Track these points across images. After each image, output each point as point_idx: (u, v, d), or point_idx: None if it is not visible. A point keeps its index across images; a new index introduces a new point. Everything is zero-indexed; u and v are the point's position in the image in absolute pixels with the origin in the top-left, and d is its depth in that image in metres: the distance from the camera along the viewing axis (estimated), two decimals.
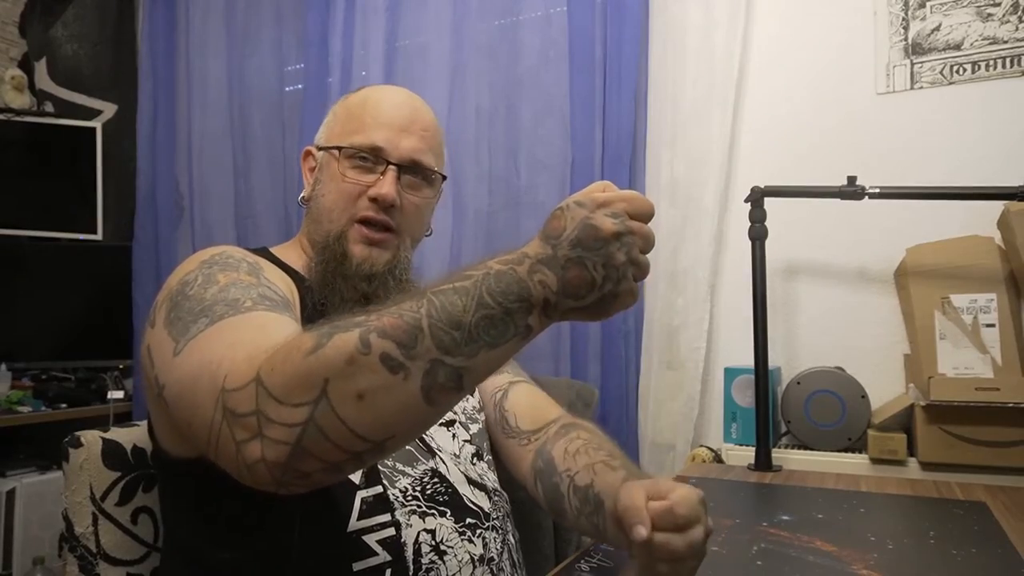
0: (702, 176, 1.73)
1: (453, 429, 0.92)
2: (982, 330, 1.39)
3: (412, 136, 0.92)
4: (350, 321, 0.56)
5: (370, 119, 0.91)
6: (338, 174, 0.90)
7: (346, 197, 0.90)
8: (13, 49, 2.74)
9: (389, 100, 0.94)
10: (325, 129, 0.98)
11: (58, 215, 2.52)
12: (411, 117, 0.93)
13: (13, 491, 2.03)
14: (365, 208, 0.89)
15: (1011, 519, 1.04)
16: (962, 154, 1.57)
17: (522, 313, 0.55)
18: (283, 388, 0.55)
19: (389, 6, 2.11)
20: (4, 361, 2.28)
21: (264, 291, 0.73)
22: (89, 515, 0.83)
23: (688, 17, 1.76)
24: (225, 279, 0.72)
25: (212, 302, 0.68)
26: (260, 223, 2.38)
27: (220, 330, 0.65)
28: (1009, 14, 1.55)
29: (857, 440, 1.50)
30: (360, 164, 0.90)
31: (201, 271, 0.74)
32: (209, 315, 0.66)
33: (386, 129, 0.90)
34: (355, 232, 0.90)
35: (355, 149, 0.90)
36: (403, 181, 0.91)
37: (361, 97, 0.96)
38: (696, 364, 1.71)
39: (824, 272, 1.68)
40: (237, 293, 0.70)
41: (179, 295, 0.71)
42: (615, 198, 0.58)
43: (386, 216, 0.90)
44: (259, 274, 0.77)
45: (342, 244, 0.89)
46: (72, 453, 0.84)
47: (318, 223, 0.92)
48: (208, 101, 2.42)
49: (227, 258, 0.78)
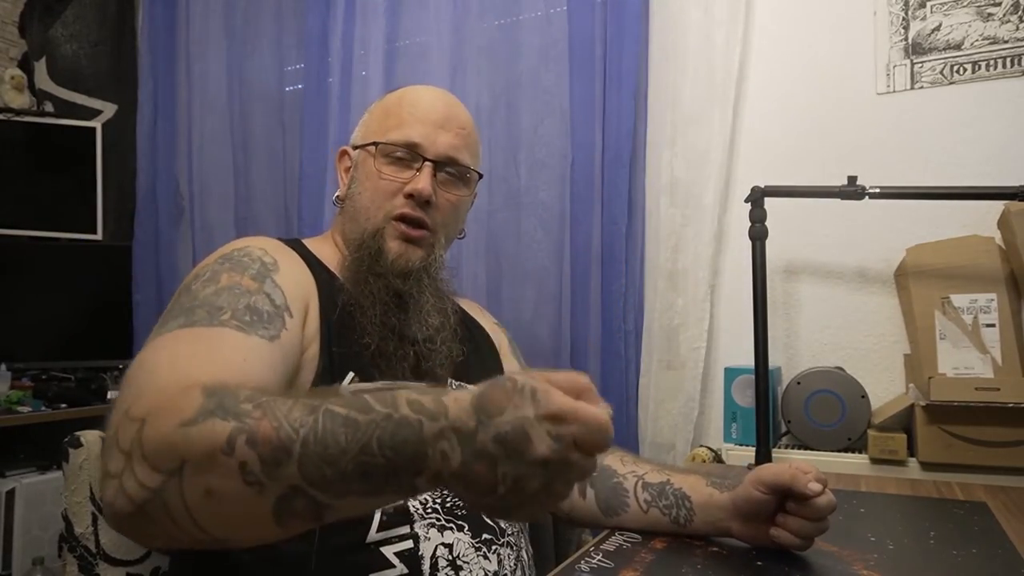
0: (702, 176, 1.73)
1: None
2: (982, 330, 1.39)
3: (448, 133, 0.91)
4: (237, 402, 0.52)
5: (407, 115, 0.91)
6: (374, 171, 0.90)
7: (382, 194, 0.90)
8: (13, 49, 2.74)
9: (426, 98, 0.94)
10: (361, 128, 0.99)
11: (58, 215, 2.51)
12: (448, 114, 0.93)
13: (13, 491, 2.03)
14: (402, 205, 0.89)
15: (1011, 519, 1.04)
16: (962, 154, 1.57)
17: (409, 474, 0.49)
18: (151, 447, 0.53)
19: (389, 6, 2.11)
20: (4, 361, 2.28)
21: (256, 301, 0.74)
22: (89, 515, 0.83)
23: (688, 17, 1.76)
24: (227, 280, 0.74)
25: (200, 303, 0.71)
26: (260, 223, 2.38)
27: (180, 338, 0.67)
28: (1009, 14, 1.55)
29: (857, 440, 1.50)
30: (397, 161, 0.90)
31: (214, 266, 0.77)
32: (188, 316, 0.69)
33: (422, 125, 0.90)
34: (392, 229, 0.90)
35: (392, 145, 0.90)
36: (439, 178, 0.91)
37: (398, 95, 0.96)
38: (696, 364, 1.71)
39: (824, 272, 1.68)
40: (225, 300, 0.71)
41: (185, 288, 0.75)
42: (572, 417, 0.47)
43: (422, 213, 0.90)
44: (266, 278, 0.77)
45: (378, 241, 0.89)
46: (72, 453, 0.84)
47: (354, 220, 0.92)
48: (208, 101, 2.42)
49: (244, 255, 0.79)
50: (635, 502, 0.91)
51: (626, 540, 0.91)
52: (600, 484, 0.95)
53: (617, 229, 1.79)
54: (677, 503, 0.89)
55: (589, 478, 0.60)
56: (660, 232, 1.77)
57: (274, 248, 0.84)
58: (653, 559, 0.85)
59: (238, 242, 0.83)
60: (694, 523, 0.89)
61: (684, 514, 0.89)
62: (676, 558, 0.86)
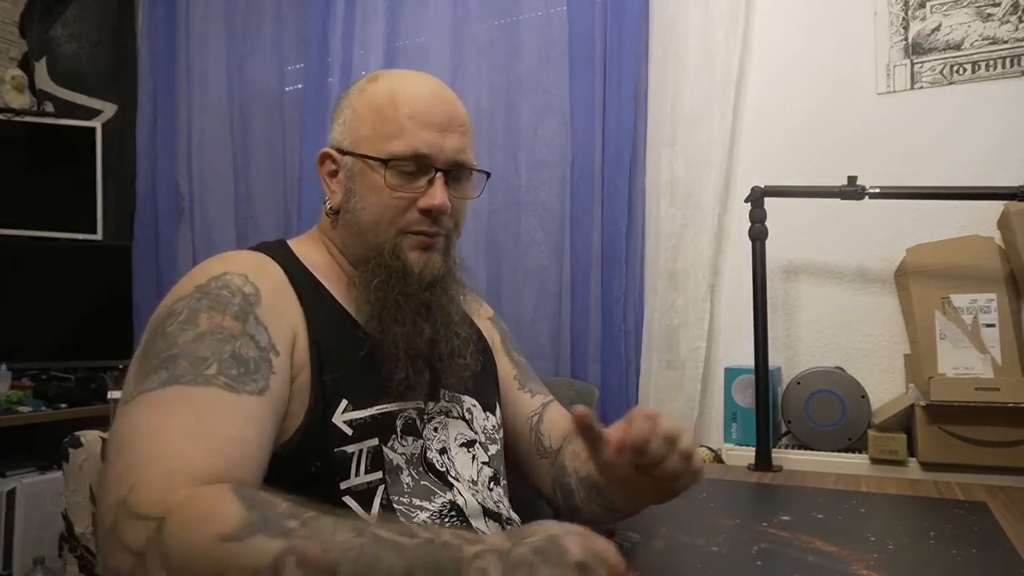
0: (702, 176, 1.74)
1: (473, 450, 0.89)
2: (982, 330, 1.39)
3: (453, 135, 0.85)
4: (280, 517, 0.52)
5: (406, 120, 0.83)
6: (381, 186, 0.83)
7: (393, 210, 0.83)
8: (13, 49, 2.74)
9: (421, 95, 0.85)
10: (347, 130, 0.87)
11: (58, 215, 2.51)
12: (449, 113, 0.85)
13: (13, 491, 2.03)
14: (417, 222, 0.84)
15: (1011, 519, 1.04)
16: (962, 154, 1.57)
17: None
18: (180, 557, 0.51)
19: (389, 6, 2.11)
20: (4, 361, 2.28)
21: (241, 347, 0.69)
22: (89, 515, 0.83)
23: (688, 17, 1.76)
24: (206, 323, 0.69)
25: (180, 353, 0.66)
26: (260, 223, 2.38)
27: (167, 398, 0.63)
28: (1009, 14, 1.55)
29: (857, 440, 1.50)
30: (405, 174, 0.83)
31: (190, 303, 0.71)
32: (169, 369, 0.65)
33: (427, 131, 0.83)
34: (408, 241, 0.84)
35: (398, 159, 0.82)
36: (449, 184, 0.85)
37: (387, 92, 0.85)
38: (696, 364, 1.71)
39: (824, 272, 1.68)
40: (208, 348, 0.67)
41: (159, 327, 0.70)
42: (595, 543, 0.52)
43: (437, 227, 0.85)
44: (248, 315, 0.72)
45: (400, 258, 0.83)
46: (72, 453, 0.84)
47: (359, 236, 0.86)
48: (208, 101, 2.42)
49: (222, 287, 0.73)
50: (580, 502, 0.89)
51: (625, 540, 0.91)
52: (561, 485, 0.93)
53: (617, 229, 1.79)
54: (597, 490, 0.86)
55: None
56: (660, 232, 1.77)
57: (255, 271, 0.77)
58: (652, 560, 0.85)
59: (214, 265, 0.77)
60: (607, 497, 0.85)
61: (604, 500, 0.86)
62: (676, 559, 0.86)
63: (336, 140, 0.89)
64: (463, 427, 0.89)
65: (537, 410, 1.01)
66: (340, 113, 0.89)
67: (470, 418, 0.91)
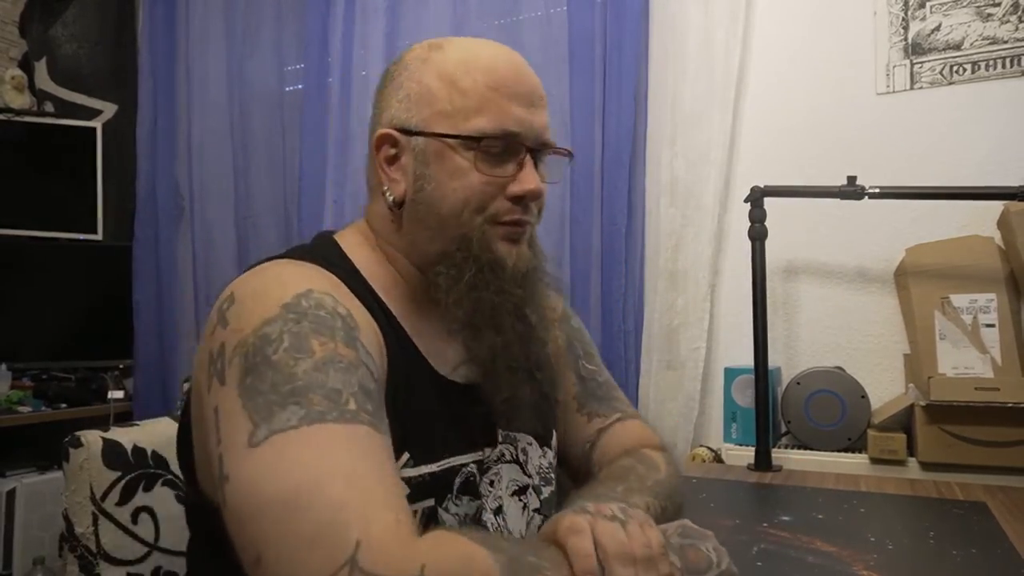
0: (702, 176, 1.74)
1: (525, 498, 0.79)
2: (982, 330, 1.39)
3: (540, 110, 0.74)
4: (521, 554, 0.51)
5: (490, 92, 0.71)
6: (467, 169, 0.71)
7: (481, 196, 0.71)
8: (13, 49, 2.74)
9: (500, 64, 0.73)
10: (414, 106, 0.73)
11: (58, 215, 2.51)
12: (532, 86, 0.74)
13: (13, 491, 2.03)
14: (508, 210, 0.72)
15: (1011, 519, 1.04)
16: (962, 154, 1.57)
17: None
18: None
19: (389, 6, 2.11)
20: (4, 361, 2.28)
21: (364, 378, 0.59)
22: (89, 515, 0.83)
23: (688, 17, 1.76)
24: (321, 350, 0.58)
25: (306, 385, 0.55)
26: (260, 223, 2.38)
27: (320, 441, 0.53)
28: (1009, 14, 1.55)
29: (857, 440, 1.50)
30: (491, 155, 0.71)
31: (287, 325, 0.59)
32: (303, 404, 0.54)
33: (515, 105, 0.71)
34: (495, 231, 0.73)
35: (489, 138, 0.70)
36: (536, 167, 0.74)
37: (460, 60, 0.73)
38: (696, 364, 1.71)
39: (824, 272, 1.68)
40: (337, 380, 0.57)
41: (258, 355, 0.57)
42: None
43: (527, 215, 0.74)
44: (356, 342, 0.62)
45: (490, 249, 0.72)
46: (72, 453, 0.84)
47: (437, 230, 0.72)
48: (208, 101, 2.42)
49: (316, 308, 0.61)
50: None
51: None
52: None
53: (617, 229, 1.79)
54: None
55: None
56: (660, 232, 1.77)
57: (336, 288, 0.66)
58: None
59: (288, 277, 0.65)
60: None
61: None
62: None
63: (398, 119, 0.74)
64: (516, 472, 0.79)
65: (592, 437, 0.88)
66: (398, 87, 0.75)
67: (524, 459, 0.80)
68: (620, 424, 0.88)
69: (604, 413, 0.89)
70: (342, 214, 2.13)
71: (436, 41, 0.76)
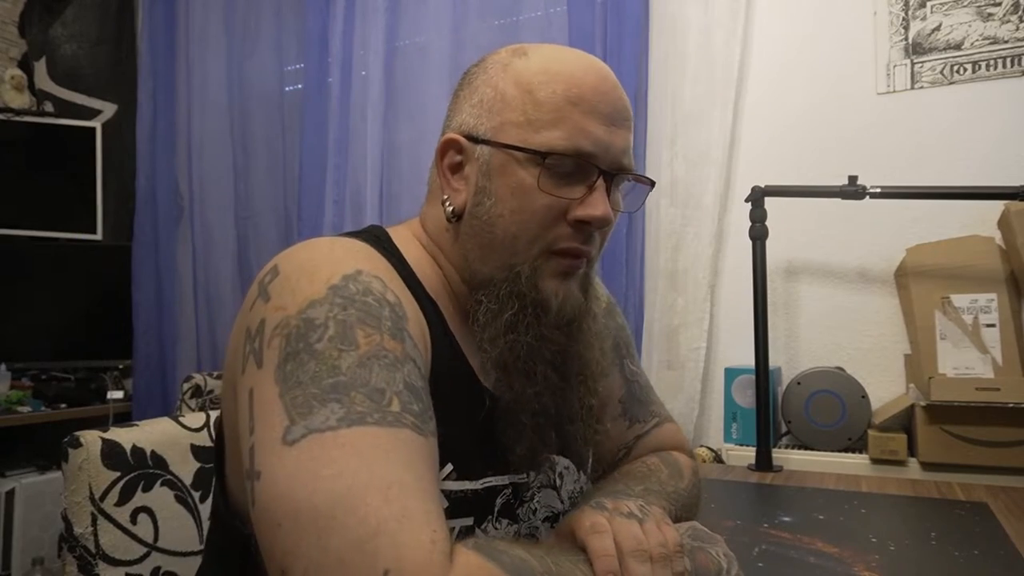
0: (702, 176, 1.73)
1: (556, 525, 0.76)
2: (982, 330, 1.39)
3: (622, 131, 0.67)
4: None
5: (568, 106, 0.65)
6: (530, 188, 0.64)
7: (539, 221, 0.65)
8: (13, 49, 2.74)
9: (585, 77, 0.67)
10: (486, 112, 0.68)
11: (58, 215, 2.52)
12: (617, 104, 0.67)
13: (13, 491, 2.03)
14: (568, 236, 0.66)
15: (1012, 519, 1.04)
16: (962, 154, 1.56)
17: None
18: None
19: (389, 6, 2.11)
20: (4, 361, 2.28)
21: (410, 374, 0.55)
22: (88, 515, 0.83)
23: (688, 17, 1.76)
24: (366, 343, 0.54)
25: (349, 381, 0.52)
26: (260, 223, 2.38)
27: (360, 446, 0.49)
28: (1009, 14, 1.55)
29: (857, 440, 1.50)
30: (559, 174, 0.65)
31: (334, 312, 0.55)
32: (344, 403, 0.51)
33: (593, 123, 0.65)
34: (551, 265, 0.66)
35: (557, 155, 0.64)
36: (611, 195, 0.67)
37: (541, 68, 0.67)
38: (696, 364, 1.71)
39: (824, 272, 1.68)
40: (381, 377, 0.53)
41: (301, 341, 0.53)
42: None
43: (589, 246, 0.67)
44: (404, 332, 0.58)
45: (537, 286, 0.66)
46: (71, 453, 0.84)
47: (489, 251, 0.67)
48: (208, 101, 2.42)
49: (364, 294, 0.57)
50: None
51: None
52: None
53: (617, 229, 1.78)
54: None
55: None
56: (660, 232, 1.77)
57: (387, 274, 0.61)
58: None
59: (340, 255, 0.60)
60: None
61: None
62: None
63: (467, 125, 0.69)
64: (551, 497, 0.75)
65: (629, 443, 0.84)
66: (474, 91, 0.70)
67: (559, 484, 0.75)
68: (657, 429, 0.86)
69: (643, 419, 0.86)
70: (342, 214, 2.13)
71: (523, 46, 0.70)
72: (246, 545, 0.61)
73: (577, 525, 0.56)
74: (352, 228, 2.12)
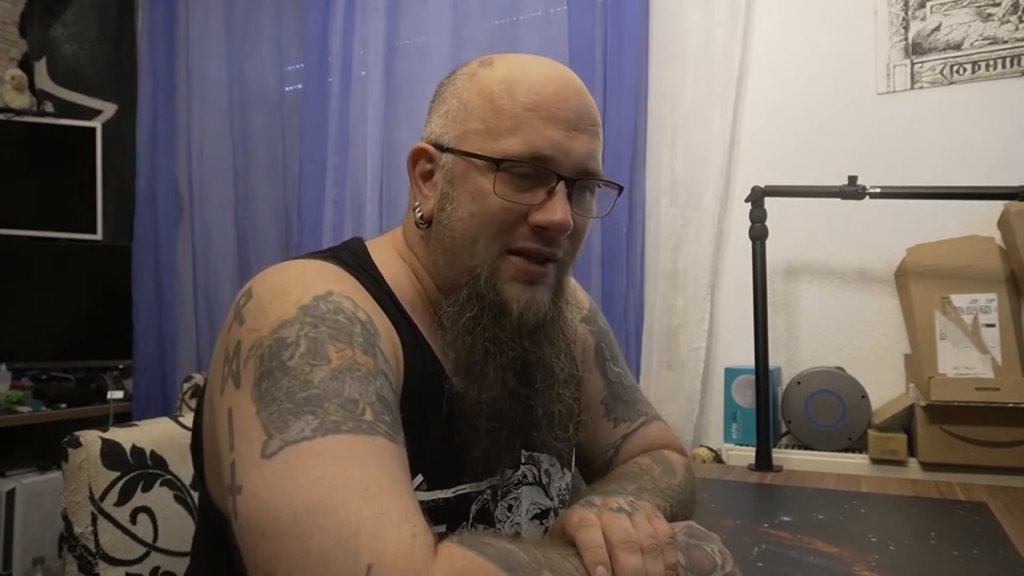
0: (702, 176, 1.73)
1: (547, 522, 0.76)
2: (982, 330, 1.39)
3: (583, 136, 0.68)
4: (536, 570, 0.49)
5: (526, 113, 0.66)
6: (486, 192, 0.66)
7: (498, 224, 0.66)
8: (13, 49, 2.74)
9: (546, 84, 0.68)
10: (451, 122, 0.70)
11: (58, 215, 2.52)
12: (579, 108, 0.68)
13: (13, 491, 2.03)
14: (526, 237, 0.67)
15: (1012, 519, 1.04)
16: (962, 154, 1.56)
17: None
18: None
19: (389, 6, 2.11)
20: (4, 361, 2.28)
21: (382, 387, 0.57)
22: (88, 515, 0.83)
23: (688, 17, 1.76)
24: (338, 358, 0.56)
25: (321, 394, 0.53)
26: (260, 223, 2.38)
27: (335, 452, 0.50)
28: (1009, 14, 1.55)
29: (857, 440, 1.50)
30: (519, 178, 0.66)
31: (304, 330, 0.56)
32: (318, 414, 0.52)
33: (551, 128, 0.66)
34: (508, 267, 0.67)
35: (512, 161, 0.65)
36: (573, 198, 0.68)
37: (503, 77, 0.68)
38: (696, 364, 1.71)
39: (824, 272, 1.68)
40: (354, 389, 0.54)
41: (274, 359, 0.55)
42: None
43: (552, 247, 0.68)
44: (375, 348, 0.59)
45: (496, 288, 0.67)
46: (71, 453, 0.84)
47: (452, 255, 0.69)
48: (208, 101, 2.42)
49: (335, 313, 0.59)
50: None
51: None
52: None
53: (617, 229, 1.79)
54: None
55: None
56: (660, 232, 1.77)
57: (357, 293, 0.63)
58: None
59: (310, 278, 0.62)
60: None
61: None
62: None
63: (435, 134, 0.71)
64: (539, 494, 0.75)
65: (617, 443, 0.85)
66: (443, 102, 0.72)
67: (547, 482, 0.77)
68: (644, 428, 0.87)
69: (630, 418, 0.87)
70: (342, 214, 2.13)
71: (491, 57, 0.72)
72: (234, 547, 0.61)
73: (567, 522, 0.57)
74: (352, 228, 2.13)
